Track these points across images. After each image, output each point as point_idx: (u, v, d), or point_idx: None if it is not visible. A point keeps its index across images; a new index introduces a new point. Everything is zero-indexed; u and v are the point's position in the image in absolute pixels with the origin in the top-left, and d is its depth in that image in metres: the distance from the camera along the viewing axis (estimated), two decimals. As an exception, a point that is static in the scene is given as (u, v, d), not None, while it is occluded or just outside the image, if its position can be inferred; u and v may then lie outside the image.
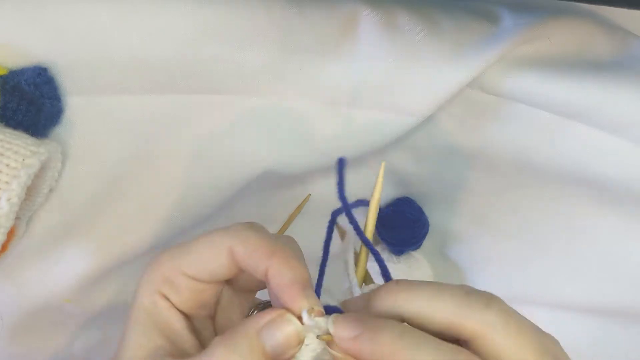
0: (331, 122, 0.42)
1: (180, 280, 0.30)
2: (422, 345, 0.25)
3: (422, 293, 0.27)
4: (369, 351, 0.26)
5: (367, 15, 0.41)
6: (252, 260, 0.29)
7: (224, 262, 0.29)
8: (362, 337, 0.26)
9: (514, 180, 0.45)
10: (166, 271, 0.30)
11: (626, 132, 0.41)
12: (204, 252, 0.30)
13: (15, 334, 0.42)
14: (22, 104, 0.37)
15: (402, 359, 0.25)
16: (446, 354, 0.25)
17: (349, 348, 0.27)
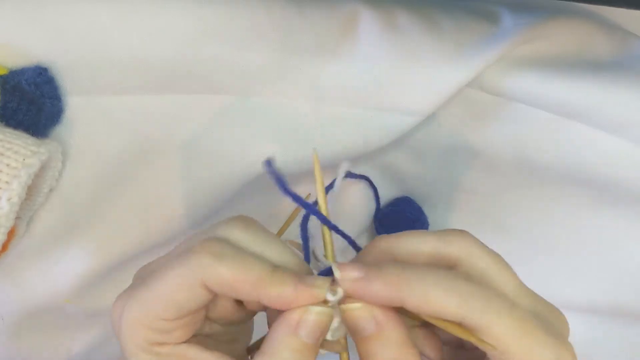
0: (331, 122, 0.42)
1: (163, 325, 0.28)
2: (426, 272, 0.27)
3: (406, 237, 0.29)
4: (378, 288, 0.26)
5: (367, 15, 0.41)
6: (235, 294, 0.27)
7: (201, 295, 0.27)
8: (369, 275, 0.27)
9: (514, 180, 0.45)
10: (144, 321, 0.28)
11: (626, 132, 0.41)
12: (173, 292, 0.27)
13: (16, 334, 0.42)
14: (23, 104, 0.37)
15: (409, 287, 0.26)
16: (448, 277, 0.26)
17: (356, 290, 0.27)
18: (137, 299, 0.28)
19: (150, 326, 0.28)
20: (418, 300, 0.26)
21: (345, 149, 0.43)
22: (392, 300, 0.26)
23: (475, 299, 0.26)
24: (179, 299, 0.27)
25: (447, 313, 0.26)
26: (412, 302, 0.26)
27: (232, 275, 0.26)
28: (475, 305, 0.26)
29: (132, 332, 0.28)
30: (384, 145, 0.43)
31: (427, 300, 0.26)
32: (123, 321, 0.28)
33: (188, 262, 0.27)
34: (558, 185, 0.44)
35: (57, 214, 0.40)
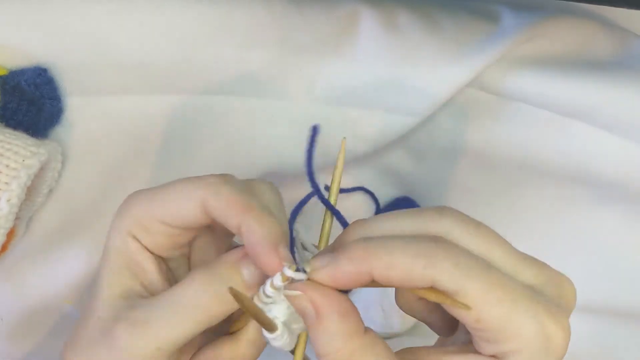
0: (331, 122, 0.42)
1: (153, 225, 0.29)
2: (392, 240, 0.26)
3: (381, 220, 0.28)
4: (347, 271, 0.26)
5: (367, 15, 0.41)
6: (225, 215, 0.28)
7: (197, 212, 0.29)
8: (337, 259, 0.26)
9: (514, 180, 0.45)
10: (138, 215, 0.30)
11: (626, 131, 0.41)
12: (176, 200, 0.29)
13: (15, 335, 0.42)
14: (22, 105, 0.37)
15: (375, 257, 0.25)
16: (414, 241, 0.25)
17: (327, 277, 0.26)
18: (146, 195, 0.30)
19: (141, 221, 0.29)
20: (385, 268, 0.25)
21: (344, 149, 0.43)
22: (361, 276, 0.26)
23: (443, 259, 0.25)
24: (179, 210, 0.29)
25: (415, 277, 0.25)
26: (379, 272, 0.25)
27: (228, 197, 0.28)
28: (443, 267, 0.25)
29: (121, 219, 0.30)
30: (384, 145, 0.43)
31: (393, 266, 0.25)
32: (122, 206, 0.30)
33: (198, 180, 0.29)
34: (558, 185, 0.44)
35: (57, 214, 0.40)
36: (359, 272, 0.26)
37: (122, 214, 0.30)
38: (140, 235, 0.30)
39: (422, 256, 0.25)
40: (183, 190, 0.29)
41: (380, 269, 0.25)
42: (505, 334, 0.25)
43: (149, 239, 0.30)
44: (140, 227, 0.30)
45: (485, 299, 0.24)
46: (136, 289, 0.29)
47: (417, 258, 0.25)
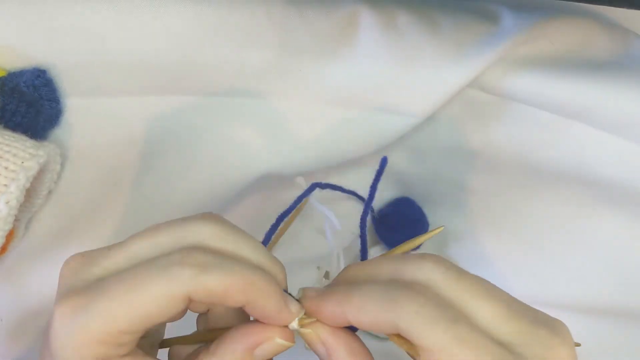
0: (331, 122, 0.42)
1: (122, 339, 0.25)
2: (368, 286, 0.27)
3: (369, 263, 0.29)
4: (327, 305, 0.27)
5: (367, 16, 0.41)
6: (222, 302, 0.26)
7: (179, 308, 0.25)
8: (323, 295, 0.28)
9: (514, 180, 0.45)
10: (101, 337, 0.25)
11: (626, 131, 0.41)
12: (148, 304, 0.24)
13: (15, 335, 0.42)
14: (21, 106, 0.37)
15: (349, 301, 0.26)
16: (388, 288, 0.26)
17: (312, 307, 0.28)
18: (97, 311, 0.25)
19: (106, 341, 0.25)
20: (356, 312, 0.26)
21: (345, 149, 0.43)
22: (338, 316, 0.27)
23: (406, 306, 0.25)
24: (152, 311, 0.25)
25: (381, 323, 0.26)
26: (352, 316, 0.26)
27: (221, 285, 0.25)
28: (404, 313, 0.25)
29: (80, 348, 0.25)
30: (384, 145, 0.43)
31: (363, 311, 0.26)
32: (72, 335, 0.25)
33: (170, 275, 0.25)
34: (558, 185, 0.44)
35: (56, 216, 0.40)
36: (336, 311, 0.27)
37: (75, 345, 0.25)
38: (113, 351, 0.25)
39: (387, 302, 0.25)
40: (157, 292, 0.24)
41: (352, 313, 0.27)
42: None
43: (123, 348, 0.26)
44: (109, 346, 0.25)
45: (445, 353, 0.24)
46: None
47: (382, 303, 0.26)
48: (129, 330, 0.25)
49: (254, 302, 0.26)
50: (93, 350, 0.25)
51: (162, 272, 0.25)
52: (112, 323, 0.25)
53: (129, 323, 0.25)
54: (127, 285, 0.25)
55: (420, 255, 0.27)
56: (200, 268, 0.25)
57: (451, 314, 0.25)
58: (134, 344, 0.26)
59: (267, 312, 0.27)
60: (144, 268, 0.25)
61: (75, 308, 0.25)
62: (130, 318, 0.25)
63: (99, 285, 0.25)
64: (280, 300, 0.27)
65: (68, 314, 0.25)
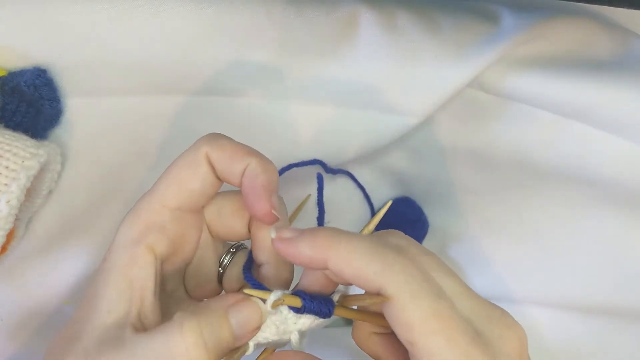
0: (331, 123, 0.42)
1: (164, 217, 0.30)
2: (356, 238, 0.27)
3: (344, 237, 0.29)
4: (304, 253, 0.27)
5: (367, 16, 0.41)
6: (230, 163, 0.30)
7: (204, 173, 0.30)
8: (300, 238, 0.27)
9: (514, 180, 0.45)
10: (147, 216, 0.30)
11: (626, 131, 0.41)
12: (182, 173, 0.30)
13: (15, 335, 0.42)
14: (22, 106, 0.37)
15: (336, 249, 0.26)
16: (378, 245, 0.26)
17: (285, 249, 0.28)
18: (145, 197, 0.31)
19: (151, 218, 0.30)
20: (340, 261, 0.26)
21: (344, 149, 0.43)
22: (316, 260, 0.27)
23: (399, 272, 0.25)
24: (186, 178, 0.30)
25: (365, 279, 0.26)
26: (333, 263, 0.26)
27: (231, 145, 0.30)
28: (395, 279, 0.25)
29: (130, 225, 0.30)
30: (384, 145, 0.43)
31: (349, 262, 0.26)
32: (128, 213, 0.31)
33: (192, 145, 0.31)
34: (558, 185, 0.44)
35: (56, 215, 0.40)
36: (315, 256, 0.27)
37: (125, 225, 0.30)
38: (152, 237, 0.30)
39: (379, 262, 0.26)
40: (185, 160, 0.31)
41: (335, 261, 0.26)
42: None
43: (162, 235, 0.30)
44: (151, 229, 0.30)
45: (423, 326, 0.25)
46: (131, 317, 0.29)
47: (372, 262, 0.26)
48: (171, 204, 0.30)
49: (252, 167, 0.29)
50: (138, 237, 0.30)
51: (188, 148, 0.31)
52: (156, 201, 0.30)
53: (170, 196, 0.30)
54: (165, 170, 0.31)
55: (389, 233, 0.29)
56: (216, 134, 0.31)
57: (435, 288, 0.26)
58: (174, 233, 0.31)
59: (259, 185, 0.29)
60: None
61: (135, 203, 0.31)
62: (170, 191, 0.30)
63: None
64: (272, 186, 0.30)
65: (130, 210, 0.31)
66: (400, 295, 0.25)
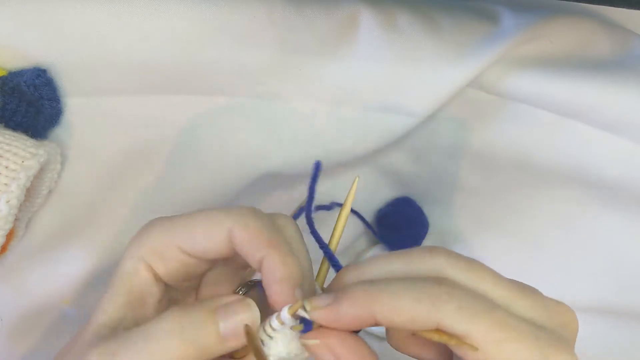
0: (331, 122, 0.42)
1: (171, 253, 0.29)
2: (394, 282, 0.26)
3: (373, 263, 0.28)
4: (348, 313, 0.26)
5: (367, 15, 0.41)
6: (249, 247, 0.28)
7: (221, 243, 0.29)
8: (339, 300, 0.26)
9: (514, 180, 0.45)
10: (156, 241, 0.29)
11: (626, 131, 0.41)
12: (201, 229, 0.29)
13: (15, 335, 0.42)
14: (22, 105, 0.37)
15: (378, 300, 0.25)
16: (417, 283, 0.25)
17: (327, 317, 0.26)
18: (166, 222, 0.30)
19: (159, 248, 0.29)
20: (388, 312, 0.25)
21: (344, 149, 0.43)
22: (363, 319, 0.26)
23: (447, 302, 0.25)
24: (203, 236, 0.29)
25: (420, 321, 0.25)
26: (382, 316, 0.25)
27: (255, 225, 0.28)
28: (447, 309, 0.25)
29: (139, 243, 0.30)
30: (384, 145, 0.43)
31: (397, 310, 0.25)
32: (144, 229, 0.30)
33: (229, 212, 0.29)
34: (558, 185, 0.44)
35: (56, 215, 0.40)
36: (361, 315, 0.26)
37: (139, 239, 0.30)
38: (154, 261, 0.29)
39: (426, 299, 0.25)
40: (209, 219, 0.29)
41: (383, 313, 0.25)
42: None
43: (164, 267, 0.29)
44: (156, 254, 0.29)
45: (491, 340, 0.25)
46: (126, 322, 0.29)
47: (420, 302, 0.25)
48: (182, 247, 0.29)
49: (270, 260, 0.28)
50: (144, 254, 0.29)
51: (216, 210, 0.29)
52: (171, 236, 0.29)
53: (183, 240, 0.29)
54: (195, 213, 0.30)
55: (429, 249, 0.27)
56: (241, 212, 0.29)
57: (486, 303, 0.25)
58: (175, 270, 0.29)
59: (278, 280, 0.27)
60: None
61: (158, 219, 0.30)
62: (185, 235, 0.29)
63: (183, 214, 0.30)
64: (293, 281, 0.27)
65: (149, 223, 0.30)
66: (457, 320, 0.25)
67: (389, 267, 0.27)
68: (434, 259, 0.27)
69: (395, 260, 0.27)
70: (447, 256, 0.27)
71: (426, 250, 0.27)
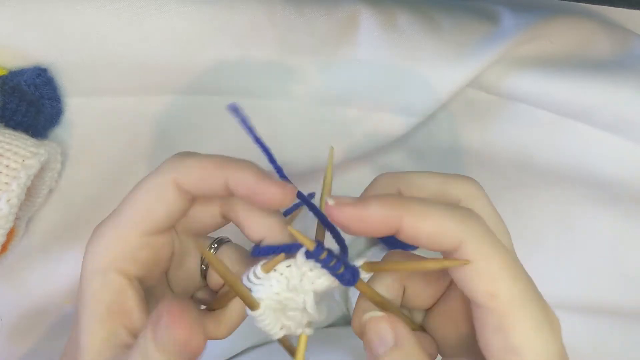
0: (331, 122, 0.42)
1: (132, 244, 0.28)
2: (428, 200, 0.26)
3: (411, 174, 0.29)
4: (375, 213, 0.25)
5: (367, 15, 0.41)
6: (203, 183, 0.28)
7: (172, 199, 0.28)
8: (367, 200, 0.25)
9: (514, 180, 0.45)
10: (113, 246, 0.28)
11: (627, 131, 0.41)
12: (148, 200, 0.28)
13: (15, 335, 0.42)
14: (22, 105, 0.37)
15: (409, 208, 0.25)
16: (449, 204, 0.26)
17: (352, 214, 0.25)
18: (108, 221, 0.29)
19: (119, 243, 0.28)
20: (417, 219, 0.25)
21: (345, 149, 0.43)
22: (389, 222, 0.25)
23: (476, 225, 0.25)
24: (153, 206, 0.28)
25: (446, 235, 0.25)
26: (410, 222, 0.25)
27: (199, 164, 0.28)
28: (475, 233, 0.25)
29: (95, 251, 0.28)
30: (384, 145, 0.43)
31: (426, 219, 0.25)
32: (92, 239, 0.29)
33: (158, 169, 0.28)
34: (558, 185, 0.44)
35: (57, 215, 0.40)
36: (388, 217, 0.25)
37: (92, 252, 0.28)
38: (122, 263, 0.28)
39: (458, 218, 0.25)
40: (149, 186, 0.28)
41: (411, 219, 0.25)
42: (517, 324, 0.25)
43: (133, 262, 0.29)
44: (120, 255, 0.28)
45: (503, 276, 0.25)
46: (121, 335, 0.28)
47: (451, 218, 0.25)
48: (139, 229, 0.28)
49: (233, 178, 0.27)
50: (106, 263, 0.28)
51: (150, 173, 0.29)
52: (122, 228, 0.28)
53: (136, 223, 0.28)
54: (128, 195, 0.29)
55: (467, 179, 0.29)
56: (182, 156, 0.28)
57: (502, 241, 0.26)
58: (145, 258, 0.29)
59: (248, 182, 0.27)
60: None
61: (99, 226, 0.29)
62: (138, 215, 0.28)
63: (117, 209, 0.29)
64: (258, 171, 0.27)
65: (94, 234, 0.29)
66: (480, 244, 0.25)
67: (425, 181, 0.29)
68: (470, 191, 0.28)
69: (433, 178, 0.29)
70: (479, 193, 0.29)
71: (465, 180, 0.29)
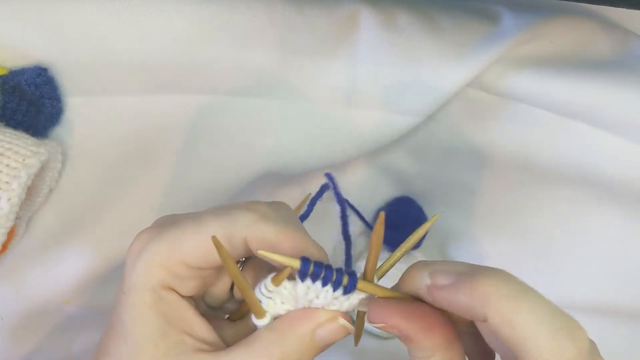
0: (331, 122, 0.42)
1: (182, 272, 0.28)
2: (529, 293, 0.24)
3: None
4: (462, 298, 0.24)
5: (367, 15, 0.41)
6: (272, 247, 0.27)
7: (235, 251, 0.28)
8: (461, 282, 0.24)
9: (515, 180, 0.45)
10: (165, 262, 0.27)
11: (627, 131, 0.41)
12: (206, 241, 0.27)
13: (15, 335, 0.42)
14: (22, 104, 0.37)
15: (497, 305, 0.23)
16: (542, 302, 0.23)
17: (443, 297, 0.25)
18: (166, 237, 0.28)
19: (170, 268, 0.27)
20: (502, 321, 0.23)
21: (345, 149, 0.43)
22: (474, 314, 0.24)
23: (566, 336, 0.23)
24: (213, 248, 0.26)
25: (533, 343, 0.23)
26: (494, 321, 0.23)
27: (276, 235, 0.27)
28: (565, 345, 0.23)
29: (147, 269, 0.27)
30: (384, 145, 0.43)
31: (512, 324, 0.23)
32: (142, 255, 0.27)
33: (233, 216, 0.27)
34: (558, 185, 0.44)
35: (57, 214, 0.40)
36: (473, 310, 0.24)
37: (144, 266, 0.27)
38: (174, 283, 0.28)
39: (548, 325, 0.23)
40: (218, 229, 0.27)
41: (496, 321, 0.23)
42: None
43: (183, 286, 0.28)
44: (171, 276, 0.28)
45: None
46: (188, 342, 0.28)
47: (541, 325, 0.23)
48: (191, 262, 0.27)
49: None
50: (158, 274, 0.27)
51: (225, 213, 0.28)
52: (177, 250, 0.27)
53: (191, 254, 0.27)
54: (194, 219, 0.28)
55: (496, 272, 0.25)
56: (261, 216, 0.27)
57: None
58: (195, 286, 0.28)
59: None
60: (212, 210, 0.28)
61: (150, 234, 0.28)
62: (193, 249, 0.27)
63: (173, 220, 0.29)
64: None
65: (142, 239, 0.28)
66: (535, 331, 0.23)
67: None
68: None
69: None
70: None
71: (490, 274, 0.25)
